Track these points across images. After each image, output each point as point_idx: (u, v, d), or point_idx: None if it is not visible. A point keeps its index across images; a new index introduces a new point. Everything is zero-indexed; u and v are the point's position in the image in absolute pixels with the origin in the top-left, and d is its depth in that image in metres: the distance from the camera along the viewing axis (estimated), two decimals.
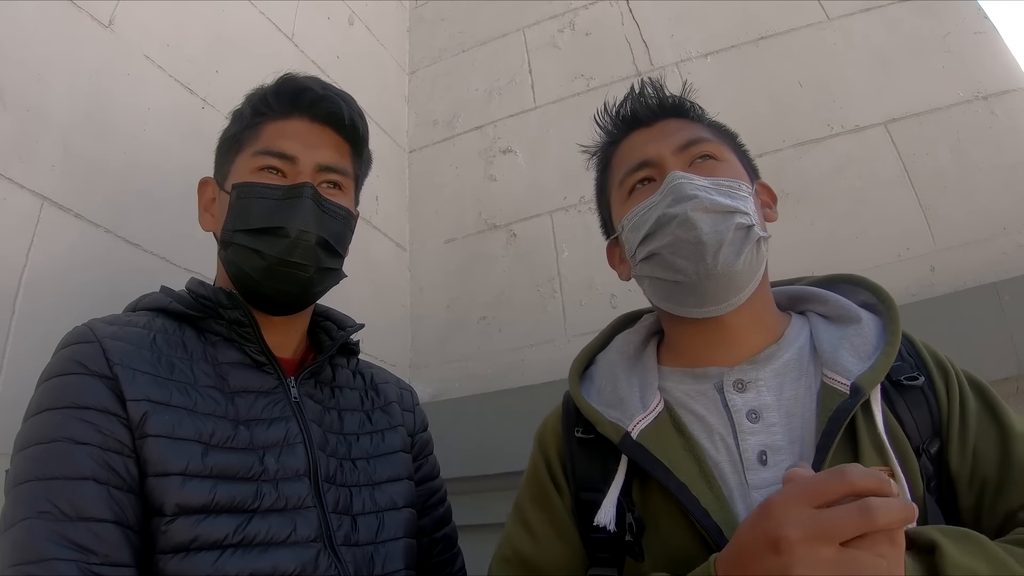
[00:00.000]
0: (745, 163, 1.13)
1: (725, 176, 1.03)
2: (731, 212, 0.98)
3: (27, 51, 1.30)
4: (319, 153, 1.13)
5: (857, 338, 0.99)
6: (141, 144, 1.51)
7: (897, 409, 0.94)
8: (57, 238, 1.28)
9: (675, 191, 1.00)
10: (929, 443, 0.92)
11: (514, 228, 2.32)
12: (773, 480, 0.90)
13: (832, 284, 1.14)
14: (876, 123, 1.92)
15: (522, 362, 2.12)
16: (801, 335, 1.05)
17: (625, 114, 1.16)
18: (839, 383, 0.93)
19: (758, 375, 0.99)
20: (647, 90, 1.16)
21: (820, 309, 1.10)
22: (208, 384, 1.01)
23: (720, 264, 0.96)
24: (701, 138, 1.08)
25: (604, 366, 1.13)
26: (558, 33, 2.53)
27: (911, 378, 0.96)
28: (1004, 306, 1.51)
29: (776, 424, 0.95)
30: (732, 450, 0.95)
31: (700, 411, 1.00)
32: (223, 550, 0.90)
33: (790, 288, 1.17)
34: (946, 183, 1.79)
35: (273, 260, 1.06)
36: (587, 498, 1.01)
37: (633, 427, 0.98)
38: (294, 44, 2.12)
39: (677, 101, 1.15)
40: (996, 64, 1.87)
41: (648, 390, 1.04)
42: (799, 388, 0.98)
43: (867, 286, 1.10)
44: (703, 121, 1.15)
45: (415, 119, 2.70)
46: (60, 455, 0.86)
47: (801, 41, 2.10)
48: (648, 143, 1.10)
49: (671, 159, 1.05)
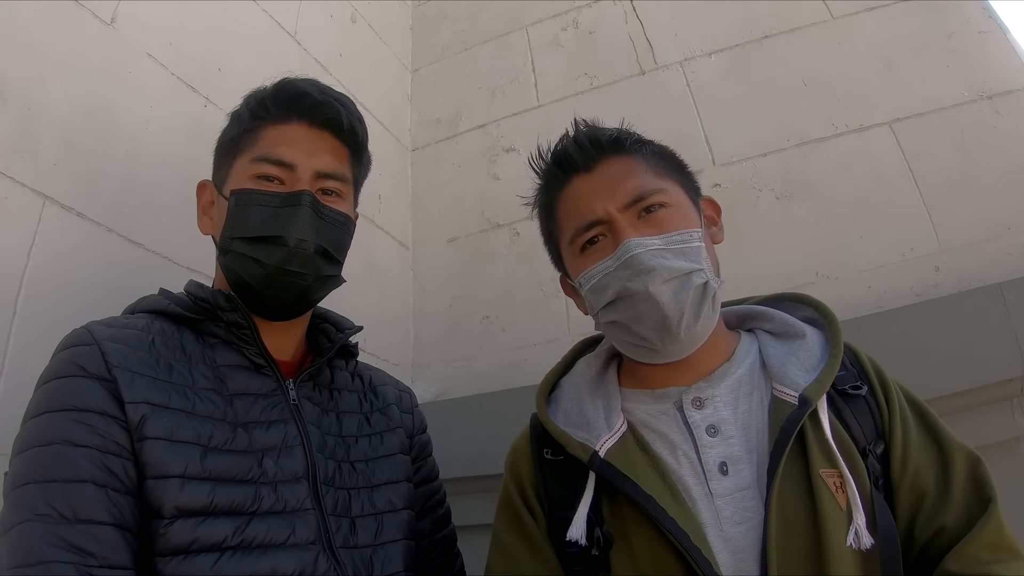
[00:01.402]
0: (688, 187, 1.15)
1: (676, 227, 1.05)
2: (688, 274, 1.02)
3: (29, 49, 1.30)
4: (317, 159, 1.12)
5: (802, 352, 1.06)
6: (143, 143, 1.51)
7: (843, 415, 1.01)
8: (59, 237, 1.28)
9: (632, 264, 1.02)
10: (874, 444, 1.00)
11: (517, 227, 2.31)
12: (734, 487, 0.98)
13: (777, 302, 1.20)
14: (880, 123, 1.91)
15: (525, 361, 2.12)
16: (751, 352, 1.11)
17: (563, 158, 1.15)
18: (788, 395, 1.00)
19: (714, 392, 1.05)
20: (580, 130, 1.16)
21: (767, 326, 1.16)
22: (207, 386, 1.01)
23: (683, 330, 1.02)
24: (647, 190, 1.07)
25: (569, 390, 1.17)
26: (561, 31, 2.52)
27: (855, 387, 1.03)
28: (1008, 306, 1.50)
29: (734, 436, 1.02)
30: (695, 463, 1.01)
31: (663, 429, 1.06)
32: (222, 552, 0.90)
33: (738, 308, 1.22)
34: (951, 183, 1.79)
35: (272, 269, 1.06)
36: (560, 516, 1.06)
37: (600, 446, 1.03)
38: (297, 42, 2.11)
39: (614, 137, 1.14)
40: (1001, 64, 1.86)
41: (612, 412, 1.09)
42: (752, 402, 1.05)
43: (809, 303, 1.16)
44: (643, 152, 1.14)
45: (418, 117, 2.69)
46: (59, 457, 0.86)
47: (805, 40, 2.09)
48: (593, 197, 1.09)
49: (619, 217, 1.06)
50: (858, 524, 0.90)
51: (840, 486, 0.93)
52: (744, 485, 0.98)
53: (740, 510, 0.96)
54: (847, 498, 0.92)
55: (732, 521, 0.96)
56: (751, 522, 0.95)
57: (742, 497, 0.97)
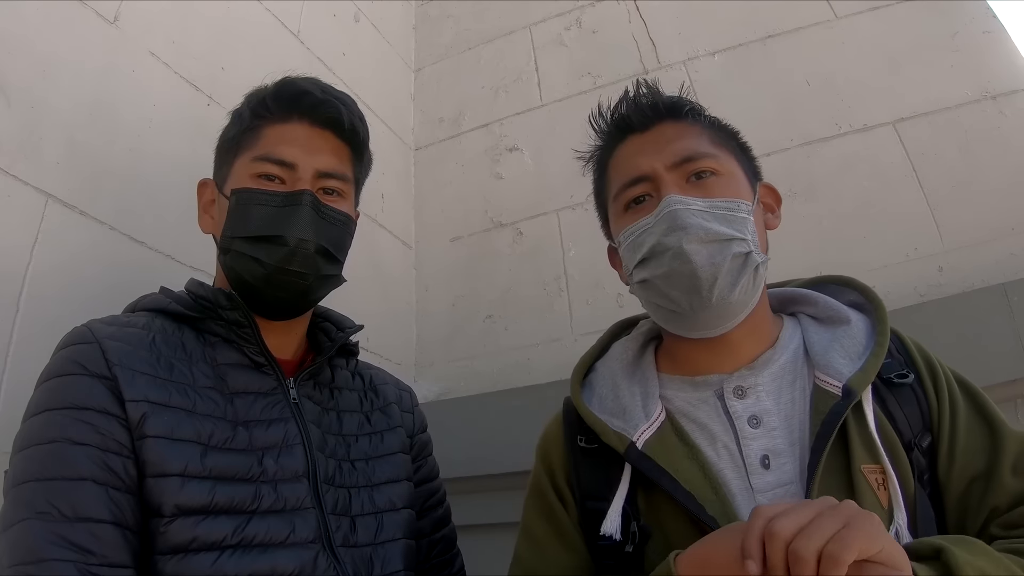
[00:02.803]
0: (746, 165, 1.11)
1: (723, 195, 1.01)
2: (728, 240, 0.97)
3: (32, 48, 1.30)
4: (318, 159, 1.12)
5: (847, 339, 1.01)
6: (146, 141, 1.51)
7: (888, 406, 0.97)
8: (62, 235, 1.29)
9: (670, 218, 0.99)
10: (920, 437, 0.95)
11: (520, 226, 2.31)
12: (776, 483, 0.93)
13: (821, 285, 1.16)
14: (884, 122, 1.90)
15: (528, 361, 2.12)
16: (794, 338, 1.06)
17: (619, 118, 1.14)
18: (831, 385, 0.95)
19: (756, 380, 1.01)
20: (641, 91, 1.13)
21: (810, 311, 1.11)
22: (207, 385, 1.01)
23: (715, 296, 0.97)
24: (698, 153, 1.04)
25: (604, 374, 1.13)
26: (565, 31, 2.52)
27: (901, 375, 0.98)
28: (1013, 306, 1.49)
29: (776, 428, 0.97)
30: (735, 456, 0.97)
31: (702, 419, 1.01)
32: (222, 551, 0.90)
33: (780, 291, 1.17)
34: (954, 183, 1.78)
35: (272, 269, 1.06)
36: (592, 507, 1.02)
37: (637, 437, 0.99)
38: (300, 41, 2.11)
39: (673, 103, 1.11)
40: (1005, 64, 1.85)
41: (650, 400, 1.04)
42: (795, 391, 1.00)
43: (855, 286, 1.11)
44: (701, 122, 1.11)
45: (421, 117, 2.70)
46: (59, 456, 0.86)
47: (809, 40, 2.08)
48: (643, 154, 1.07)
49: (666, 176, 1.03)
50: (899, 523, 0.86)
51: (883, 483, 0.89)
52: (787, 480, 0.93)
53: None
54: (889, 495, 0.88)
55: None
56: None
57: (784, 493, 0.92)
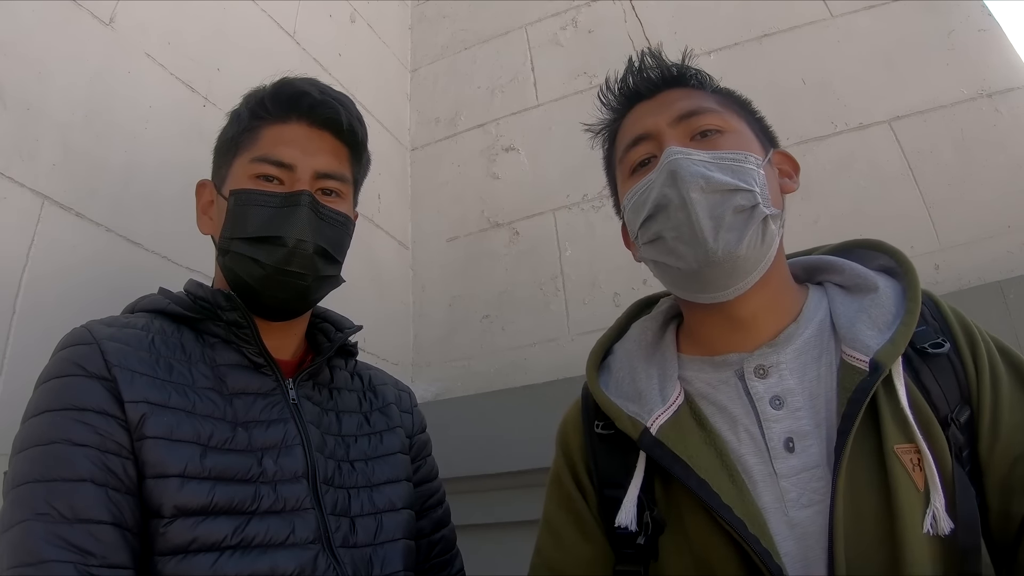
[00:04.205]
0: (758, 131, 1.07)
1: (730, 148, 0.97)
2: (732, 190, 0.93)
3: (27, 49, 1.30)
4: (317, 160, 1.12)
5: (875, 308, 0.95)
6: (142, 143, 1.51)
7: (922, 378, 0.90)
8: (58, 237, 1.28)
9: (670, 167, 0.95)
10: (958, 411, 0.88)
11: (517, 226, 2.31)
12: (802, 466, 0.88)
13: (848, 251, 1.10)
14: (880, 121, 1.91)
15: (525, 361, 2.12)
16: (819, 309, 1.00)
17: (626, 88, 1.12)
18: (858, 360, 0.89)
19: (779, 358, 0.95)
20: (647, 60, 1.11)
21: (836, 279, 1.05)
22: (206, 386, 1.01)
23: (720, 249, 0.91)
24: (702, 108, 1.01)
25: (622, 356, 1.09)
26: (560, 31, 2.52)
27: (936, 345, 0.91)
28: (1009, 304, 1.50)
29: (801, 408, 0.92)
30: (757, 439, 0.92)
31: (723, 402, 0.97)
32: (221, 552, 0.90)
33: (804, 259, 1.12)
34: (950, 181, 1.78)
35: (271, 269, 1.06)
36: (610, 494, 0.98)
37: (652, 422, 0.95)
38: (296, 42, 2.11)
39: (679, 70, 1.10)
40: (1000, 62, 1.86)
41: (667, 382, 1.00)
42: (820, 367, 0.94)
43: (885, 249, 1.05)
44: (707, 88, 1.09)
45: (417, 117, 2.70)
46: (58, 457, 0.86)
47: (804, 39, 2.09)
48: (647, 115, 1.05)
49: (668, 132, 1.00)
50: (936, 507, 0.80)
51: (918, 463, 0.83)
52: (812, 463, 0.88)
53: (808, 492, 0.87)
54: (925, 477, 0.82)
55: (798, 504, 0.86)
56: (820, 505, 0.85)
57: (810, 477, 0.87)
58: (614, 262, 2.08)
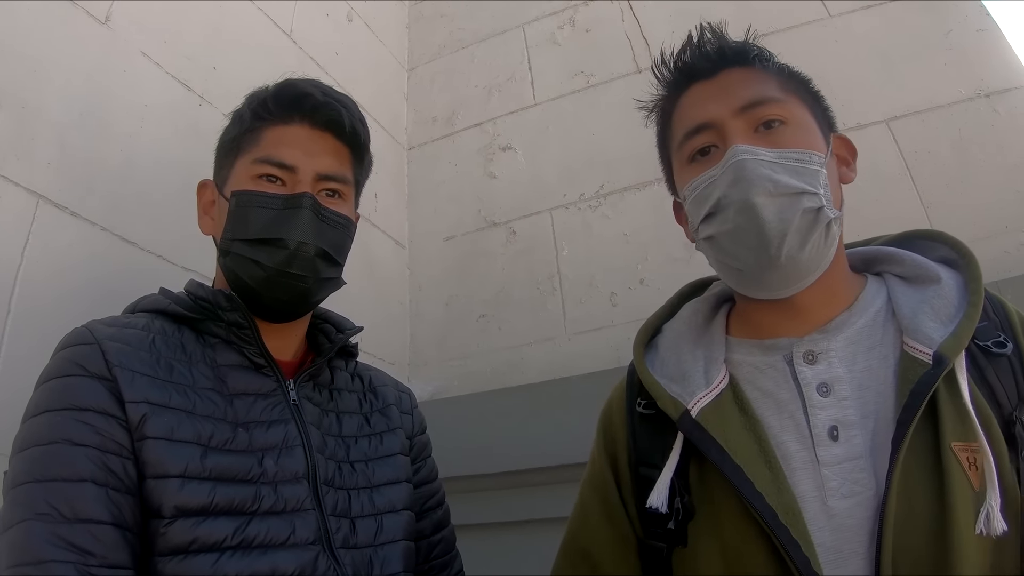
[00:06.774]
0: (819, 114, 1.04)
1: (794, 145, 0.94)
2: (798, 194, 0.91)
3: (23, 48, 1.29)
4: (319, 161, 1.11)
5: (937, 300, 0.92)
6: (138, 141, 1.50)
7: (987, 375, 0.88)
8: (53, 236, 1.28)
9: (737, 169, 0.92)
10: (1020, 410, 0.85)
11: (514, 226, 2.31)
12: (845, 456, 0.87)
13: (908, 242, 1.07)
14: (878, 121, 1.91)
15: (522, 360, 2.12)
16: (877, 299, 0.98)
17: (683, 65, 1.07)
18: (921, 352, 0.87)
19: (829, 345, 0.94)
20: (706, 36, 1.07)
21: (896, 270, 1.02)
22: (207, 386, 1.00)
23: (784, 255, 0.90)
24: (767, 98, 0.98)
25: (670, 336, 1.08)
26: (558, 30, 2.52)
27: (999, 344, 0.89)
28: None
29: (848, 398, 0.90)
30: (801, 425, 0.90)
31: (769, 386, 0.95)
32: (222, 552, 0.90)
33: (863, 250, 1.10)
34: (948, 181, 1.79)
35: (272, 271, 1.05)
36: (645, 473, 0.98)
37: (693, 404, 0.94)
38: (292, 41, 2.11)
39: (740, 48, 1.06)
40: (998, 62, 1.86)
41: (713, 364, 0.99)
42: (872, 359, 0.92)
43: (945, 240, 1.03)
44: (769, 68, 1.05)
45: (414, 116, 2.69)
46: (59, 457, 0.86)
47: (802, 38, 2.08)
48: (708, 101, 1.01)
49: (732, 123, 0.96)
50: (991, 506, 0.77)
51: (974, 462, 0.80)
52: (856, 454, 0.86)
53: (848, 482, 0.85)
54: (981, 476, 0.79)
55: (839, 494, 0.85)
56: (860, 497, 0.84)
57: (852, 468, 0.85)
58: (611, 262, 2.08)
